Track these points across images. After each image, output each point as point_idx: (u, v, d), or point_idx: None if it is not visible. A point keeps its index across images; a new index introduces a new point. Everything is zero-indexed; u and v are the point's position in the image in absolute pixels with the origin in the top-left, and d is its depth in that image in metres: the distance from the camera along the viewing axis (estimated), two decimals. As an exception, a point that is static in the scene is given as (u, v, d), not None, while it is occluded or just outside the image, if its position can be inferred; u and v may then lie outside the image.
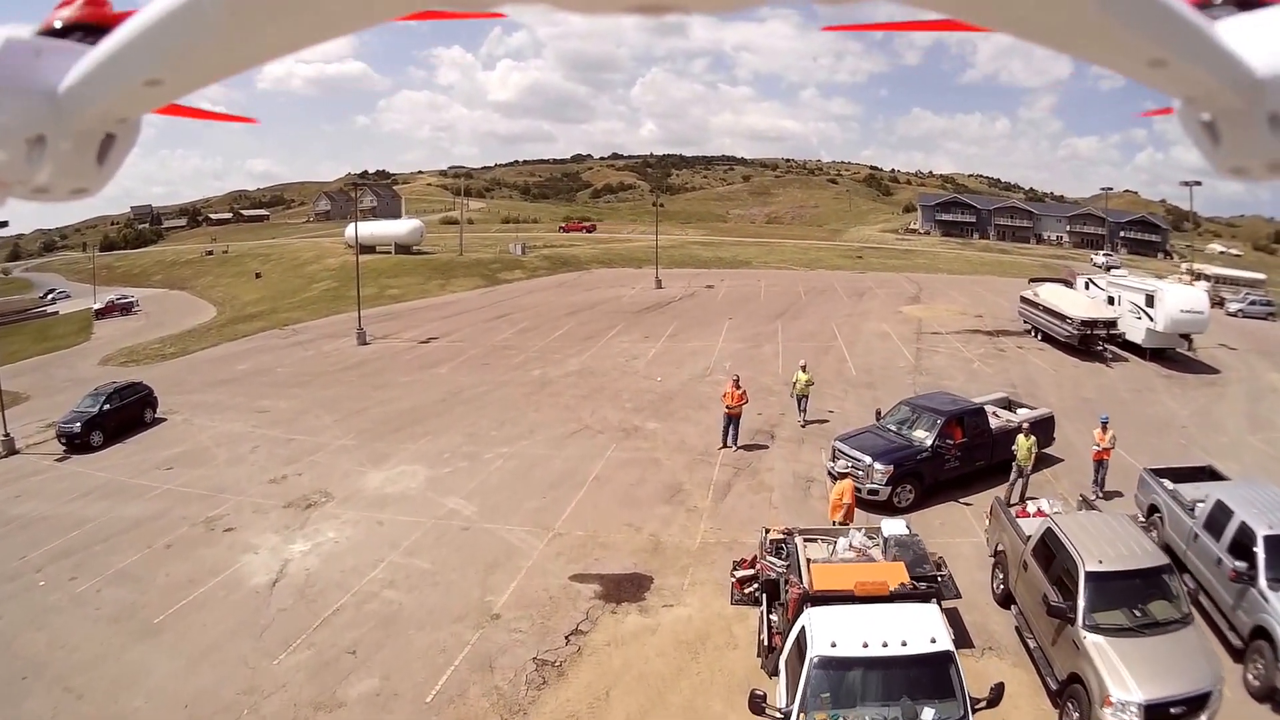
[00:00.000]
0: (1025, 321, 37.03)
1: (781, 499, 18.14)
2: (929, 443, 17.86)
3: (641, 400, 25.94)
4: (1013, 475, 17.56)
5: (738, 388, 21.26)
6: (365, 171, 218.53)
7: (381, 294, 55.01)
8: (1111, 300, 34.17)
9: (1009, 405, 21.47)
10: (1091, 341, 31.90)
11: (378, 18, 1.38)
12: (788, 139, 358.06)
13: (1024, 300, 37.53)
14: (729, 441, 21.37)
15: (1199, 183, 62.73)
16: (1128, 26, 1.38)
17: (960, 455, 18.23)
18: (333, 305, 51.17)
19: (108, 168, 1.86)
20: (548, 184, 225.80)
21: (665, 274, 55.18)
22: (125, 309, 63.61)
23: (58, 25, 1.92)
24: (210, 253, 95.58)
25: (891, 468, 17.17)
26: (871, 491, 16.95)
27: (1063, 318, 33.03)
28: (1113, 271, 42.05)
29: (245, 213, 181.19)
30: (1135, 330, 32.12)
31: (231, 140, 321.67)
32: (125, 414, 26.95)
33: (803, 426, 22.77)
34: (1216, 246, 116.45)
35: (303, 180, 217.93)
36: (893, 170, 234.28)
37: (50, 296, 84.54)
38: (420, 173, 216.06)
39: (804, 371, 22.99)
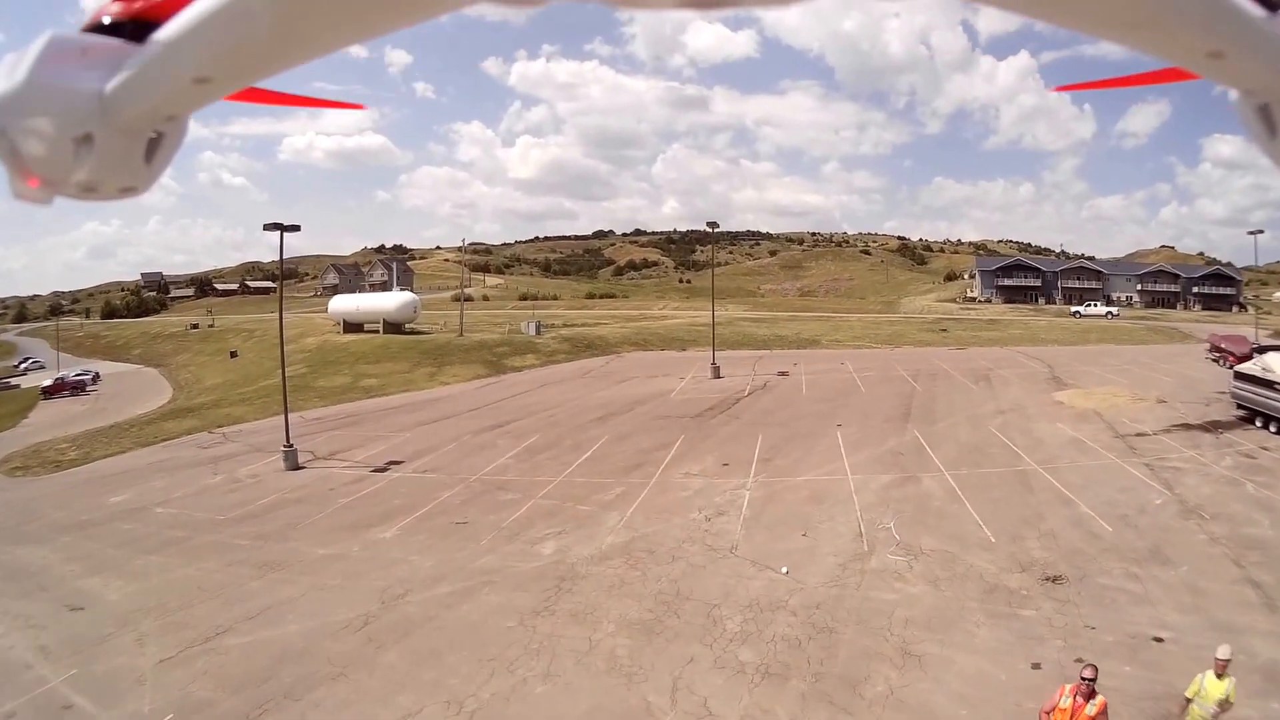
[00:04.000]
0: (1241, 405, 27.02)
1: None
2: None
3: (768, 639, 12.20)
4: None
5: (1089, 696, 7.56)
6: (382, 246, 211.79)
7: (354, 385, 42.60)
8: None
9: None
10: (1375, 434, 22.86)
11: (425, 13, 1.34)
12: (811, 213, 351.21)
13: (1244, 378, 27.08)
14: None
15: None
16: (1186, 18, 1.37)
17: None
18: (289, 399, 38.67)
19: (156, 166, 1.84)
20: (569, 261, 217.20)
21: (720, 357, 41.89)
22: (76, 388, 56.65)
23: (106, 21, 1.83)
24: (195, 326, 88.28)
25: None
26: None
27: (1335, 404, 23.30)
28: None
29: (252, 284, 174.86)
30: None
31: (254, 212, 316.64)
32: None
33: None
34: None
35: (320, 254, 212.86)
36: (920, 240, 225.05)
37: (23, 366, 78.74)
38: (439, 248, 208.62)
39: (1222, 676, 8.32)
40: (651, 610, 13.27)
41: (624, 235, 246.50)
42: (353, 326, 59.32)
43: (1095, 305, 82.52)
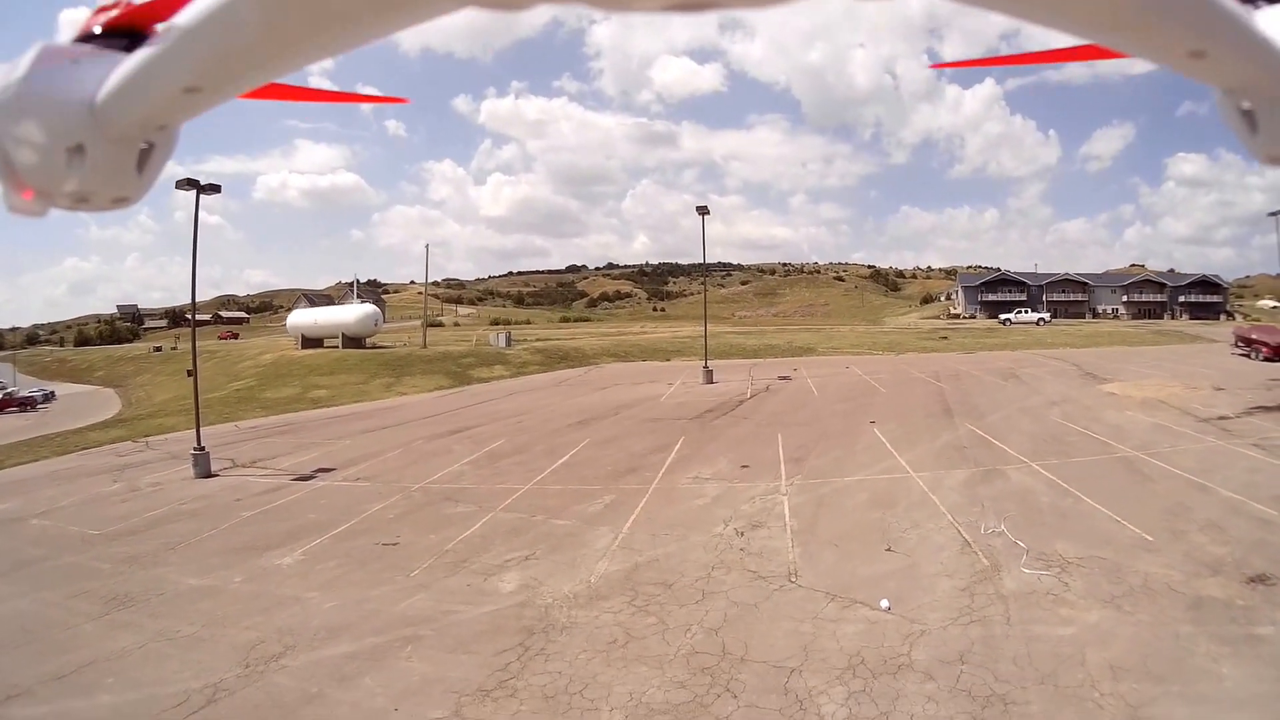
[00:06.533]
0: None
1: None
2: None
3: (907, 732, 6.68)
4: None
5: None
6: (356, 280, 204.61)
7: (302, 396, 36.86)
8: None
9: None
10: None
11: (410, 20, 1.31)
12: (780, 246, 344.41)
13: None
14: None
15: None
16: (1168, 17, 1.36)
17: None
18: (230, 409, 33.95)
19: (147, 176, 1.79)
20: (542, 294, 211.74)
21: (711, 364, 36.33)
22: (25, 404, 53.89)
23: (96, 30, 1.81)
24: (159, 349, 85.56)
25: None
26: None
27: None
28: None
29: (225, 315, 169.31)
30: None
31: (231, 250, 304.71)
32: None
33: None
34: (1268, 302, 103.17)
35: (294, 287, 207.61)
36: (890, 268, 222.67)
37: None
38: (413, 282, 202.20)
39: None
40: (685, 684, 7.62)
41: (596, 269, 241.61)
42: (312, 342, 53.42)
43: (1025, 313, 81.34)
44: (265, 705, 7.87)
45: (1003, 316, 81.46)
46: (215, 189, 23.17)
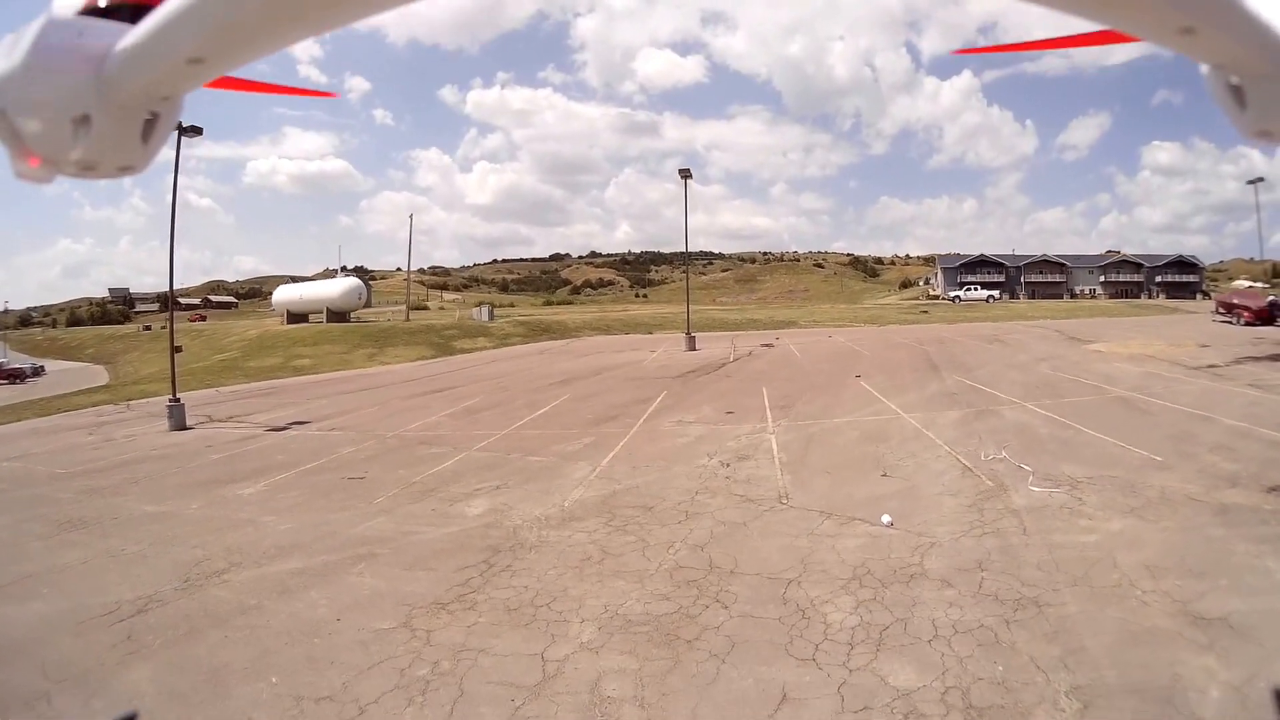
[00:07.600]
0: None
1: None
2: None
3: (928, 635, 5.61)
4: None
5: None
6: (344, 266, 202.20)
7: (285, 365, 35.80)
8: None
9: None
10: None
11: None
12: (761, 236, 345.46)
13: None
14: None
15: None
16: None
17: None
18: (214, 377, 32.88)
19: (152, 146, 1.76)
20: (526, 281, 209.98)
21: (694, 335, 35.24)
22: (15, 376, 54.25)
23: (102, 3, 1.76)
24: (148, 328, 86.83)
25: None
26: None
27: None
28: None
29: (214, 299, 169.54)
30: None
31: (221, 236, 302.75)
32: None
33: None
34: (1243, 282, 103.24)
35: (282, 274, 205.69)
36: (869, 256, 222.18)
37: None
38: (399, 270, 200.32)
39: None
40: (668, 596, 6.61)
41: (580, 258, 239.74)
42: (297, 318, 52.39)
43: (975, 290, 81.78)
44: (197, 614, 6.89)
45: (952, 294, 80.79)
46: (197, 131, 21.93)
